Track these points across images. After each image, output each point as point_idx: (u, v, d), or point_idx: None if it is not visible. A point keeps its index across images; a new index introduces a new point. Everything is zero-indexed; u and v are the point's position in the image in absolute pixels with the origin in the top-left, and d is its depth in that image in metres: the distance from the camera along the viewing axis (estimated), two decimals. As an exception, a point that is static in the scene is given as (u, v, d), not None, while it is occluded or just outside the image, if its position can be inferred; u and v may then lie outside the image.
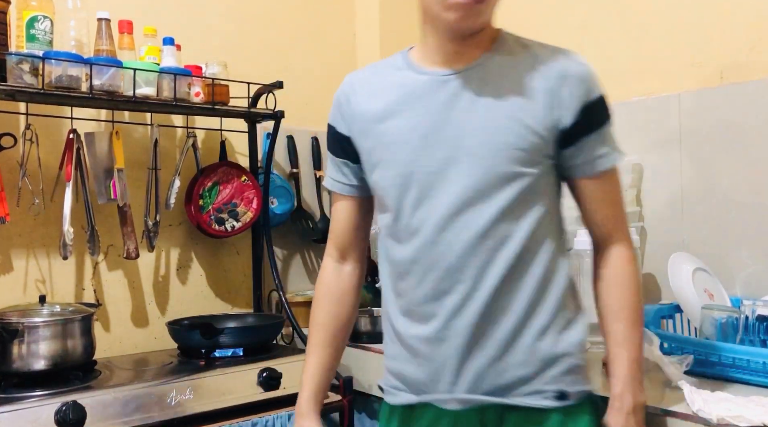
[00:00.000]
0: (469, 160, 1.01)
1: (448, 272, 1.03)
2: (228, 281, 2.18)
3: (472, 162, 1.01)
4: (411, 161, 1.05)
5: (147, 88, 1.75)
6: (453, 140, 1.03)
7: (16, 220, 1.76)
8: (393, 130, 1.07)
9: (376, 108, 1.10)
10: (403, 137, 1.06)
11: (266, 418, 1.62)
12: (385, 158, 1.08)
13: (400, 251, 1.09)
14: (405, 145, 1.06)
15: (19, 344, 1.49)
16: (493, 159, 1.01)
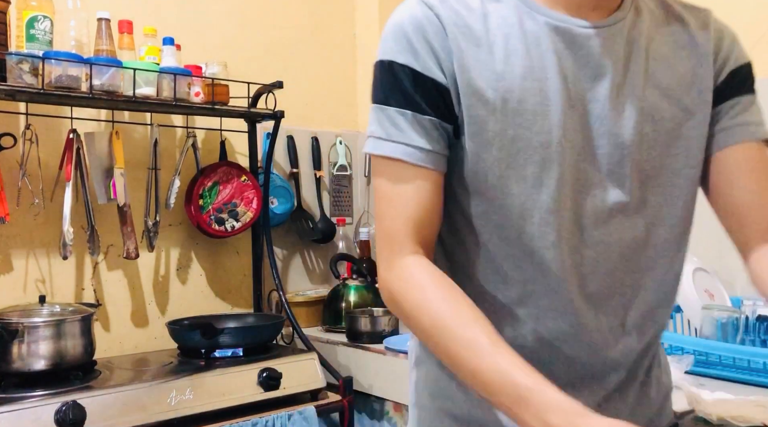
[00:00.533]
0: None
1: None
2: (228, 281, 2.18)
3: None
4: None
5: (147, 88, 1.75)
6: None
7: (16, 220, 1.76)
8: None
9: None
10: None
11: (266, 418, 1.62)
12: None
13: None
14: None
15: (19, 344, 1.49)
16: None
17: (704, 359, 1.33)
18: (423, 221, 0.82)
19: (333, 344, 1.96)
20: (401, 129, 0.80)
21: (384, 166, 0.82)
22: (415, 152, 0.80)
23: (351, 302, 2.09)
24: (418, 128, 0.80)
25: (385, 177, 0.82)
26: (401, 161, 0.80)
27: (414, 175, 0.81)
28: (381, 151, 0.82)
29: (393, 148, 0.81)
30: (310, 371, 1.76)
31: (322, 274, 2.40)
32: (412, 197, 0.81)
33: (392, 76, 0.81)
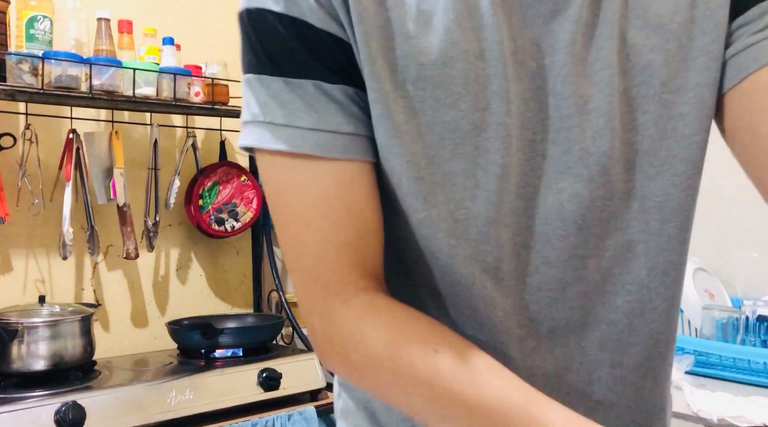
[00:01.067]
0: None
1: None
2: (228, 281, 2.18)
3: None
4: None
5: (147, 88, 1.75)
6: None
7: (16, 220, 1.76)
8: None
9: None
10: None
11: (266, 418, 1.62)
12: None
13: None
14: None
15: (19, 344, 1.49)
16: None
17: (704, 359, 1.33)
18: (363, 240, 0.55)
19: (333, 344, 1.96)
20: (300, 107, 0.53)
21: (282, 167, 0.54)
22: (333, 139, 0.53)
23: (351, 302, 2.09)
24: (326, 103, 0.54)
25: (287, 184, 0.55)
26: (311, 157, 0.53)
27: (337, 174, 0.54)
28: (274, 145, 0.53)
29: (296, 137, 0.53)
30: (310, 371, 1.76)
31: (322, 274, 2.40)
32: (342, 209, 0.54)
33: (270, 32, 0.56)
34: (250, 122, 0.56)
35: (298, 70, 0.54)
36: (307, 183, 0.54)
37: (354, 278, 0.55)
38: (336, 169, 0.54)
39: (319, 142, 0.53)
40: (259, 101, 0.55)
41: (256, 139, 0.55)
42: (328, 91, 0.54)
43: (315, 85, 0.54)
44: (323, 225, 0.54)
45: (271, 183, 0.56)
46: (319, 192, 0.54)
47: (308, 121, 0.53)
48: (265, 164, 0.56)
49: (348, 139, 0.54)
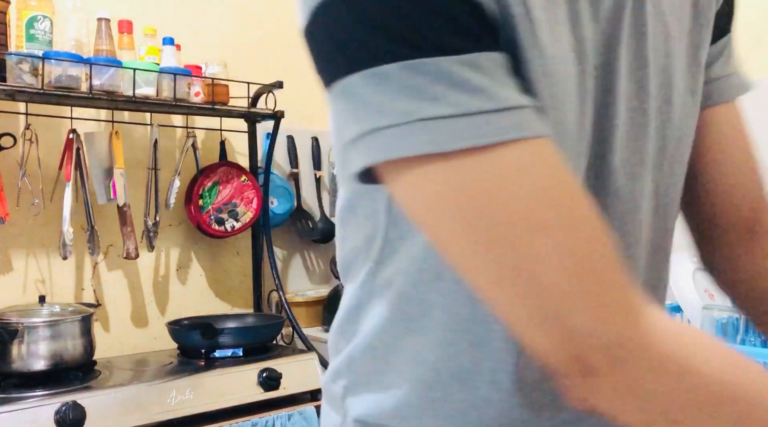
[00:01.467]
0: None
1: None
2: (228, 281, 2.18)
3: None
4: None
5: (147, 88, 1.75)
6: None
7: (16, 220, 1.76)
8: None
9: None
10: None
11: (266, 418, 1.62)
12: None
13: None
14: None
15: (19, 344, 1.49)
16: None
17: (704, 359, 1.33)
18: (608, 238, 0.45)
19: (333, 344, 1.96)
20: (480, 88, 0.42)
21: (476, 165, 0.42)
22: (529, 115, 0.44)
23: (351, 302, 2.09)
24: (505, 78, 0.44)
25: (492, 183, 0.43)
26: (518, 142, 0.43)
27: (546, 154, 0.44)
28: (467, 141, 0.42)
29: (491, 122, 0.42)
30: (310, 371, 1.76)
31: (322, 274, 2.40)
32: (573, 193, 0.44)
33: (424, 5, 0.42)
34: (398, 125, 0.42)
35: (465, 42, 0.43)
36: (514, 177, 0.42)
37: (627, 282, 0.44)
38: (542, 150, 0.44)
39: (518, 122, 0.43)
40: (411, 95, 0.42)
41: (425, 142, 0.42)
42: (496, 61, 0.44)
43: (488, 57, 0.43)
44: (560, 222, 0.43)
45: (448, 200, 0.43)
46: (540, 182, 0.43)
47: (489, 102, 0.42)
48: (427, 179, 0.43)
49: (530, 112, 0.44)
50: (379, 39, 0.42)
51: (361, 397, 0.60)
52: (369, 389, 0.59)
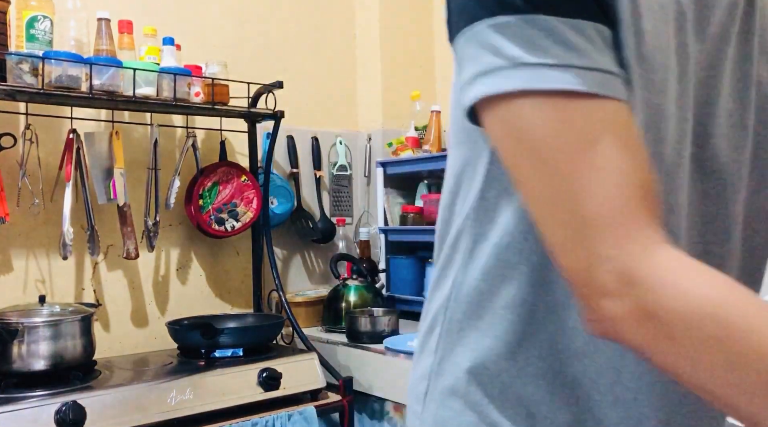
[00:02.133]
0: None
1: None
2: (228, 281, 2.18)
3: None
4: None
5: (147, 88, 1.75)
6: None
7: (16, 220, 1.76)
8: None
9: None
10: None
11: (266, 418, 1.62)
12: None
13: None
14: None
15: (19, 344, 1.49)
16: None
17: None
18: (650, 188, 0.52)
19: (333, 344, 1.96)
20: (580, 48, 0.52)
21: (555, 109, 0.51)
22: (614, 81, 0.53)
23: (351, 302, 2.09)
24: (602, 45, 0.53)
25: (562, 127, 0.51)
26: (597, 96, 0.51)
27: (618, 115, 0.52)
28: (556, 84, 0.51)
29: (581, 76, 0.51)
30: (310, 371, 1.76)
31: (322, 274, 2.40)
32: (634, 148, 0.52)
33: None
34: (506, 67, 0.52)
35: (578, 10, 0.52)
36: (591, 123, 0.51)
37: (654, 225, 0.50)
38: (617, 110, 0.52)
39: (601, 81, 0.51)
40: (521, 44, 0.52)
41: (524, 80, 0.51)
42: (601, 32, 0.53)
43: (593, 26, 0.52)
44: (616, 166, 0.50)
45: (535, 130, 0.52)
46: (605, 131, 0.51)
47: (584, 60, 0.51)
48: (527, 110, 0.52)
49: (620, 81, 0.53)
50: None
51: (459, 343, 0.66)
52: (466, 334, 0.66)
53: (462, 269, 0.66)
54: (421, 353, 0.72)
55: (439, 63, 2.63)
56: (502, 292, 0.63)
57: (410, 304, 2.19)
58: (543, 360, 0.63)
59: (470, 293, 0.65)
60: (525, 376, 0.63)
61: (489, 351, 0.64)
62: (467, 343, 0.66)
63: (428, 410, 0.68)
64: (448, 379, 0.66)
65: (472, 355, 0.65)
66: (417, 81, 2.55)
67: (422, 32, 2.60)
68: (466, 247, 0.66)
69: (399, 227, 2.27)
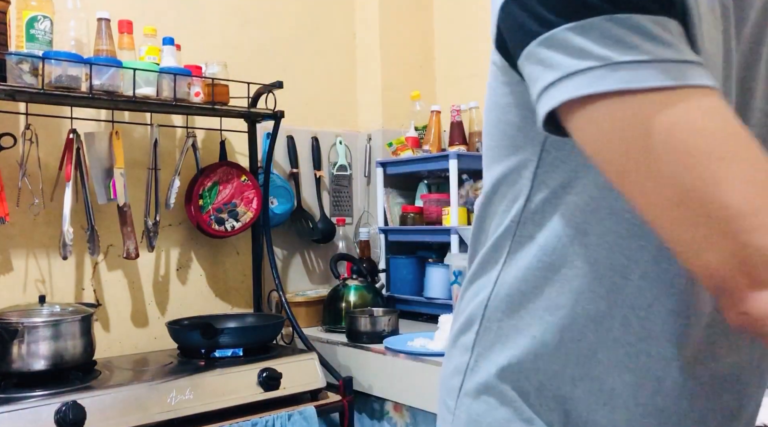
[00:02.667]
0: None
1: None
2: (228, 281, 2.18)
3: None
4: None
5: (147, 88, 1.75)
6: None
7: (16, 220, 1.76)
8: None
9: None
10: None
11: (266, 418, 1.62)
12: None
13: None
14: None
15: (19, 344, 1.49)
16: None
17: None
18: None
19: (333, 344, 1.96)
20: (670, 43, 0.51)
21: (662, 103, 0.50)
22: (705, 71, 0.52)
23: (351, 302, 2.09)
24: (685, 41, 0.53)
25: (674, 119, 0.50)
26: (697, 89, 0.50)
27: (722, 104, 0.51)
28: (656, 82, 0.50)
29: (678, 70, 0.50)
30: (310, 371, 1.76)
31: (322, 274, 2.40)
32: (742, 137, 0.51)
33: None
34: (598, 67, 0.51)
35: (662, 8, 0.51)
36: (699, 116, 0.50)
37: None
38: (719, 99, 0.51)
39: (700, 73, 0.51)
40: (610, 43, 0.51)
41: (619, 80, 0.50)
42: (682, 30, 0.53)
43: (675, 24, 0.52)
44: (741, 151, 0.49)
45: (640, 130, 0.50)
46: (715, 121, 0.50)
47: (677, 54, 0.51)
48: (623, 112, 0.51)
49: (706, 70, 0.52)
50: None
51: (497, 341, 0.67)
52: (504, 333, 0.67)
53: (505, 269, 0.67)
54: (455, 348, 0.73)
55: (439, 63, 2.63)
56: (544, 294, 0.64)
57: (410, 304, 2.19)
58: (581, 366, 0.63)
59: (512, 293, 0.66)
60: (562, 377, 0.64)
61: (527, 351, 0.65)
62: (506, 341, 0.67)
63: (462, 405, 0.69)
64: (484, 375, 0.68)
65: (510, 353, 0.66)
66: (417, 81, 2.55)
67: (422, 32, 2.60)
68: (511, 248, 0.66)
69: (399, 227, 2.27)
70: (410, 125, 2.35)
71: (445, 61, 2.60)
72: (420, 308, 2.18)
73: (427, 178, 2.31)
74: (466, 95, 2.37)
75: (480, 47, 2.41)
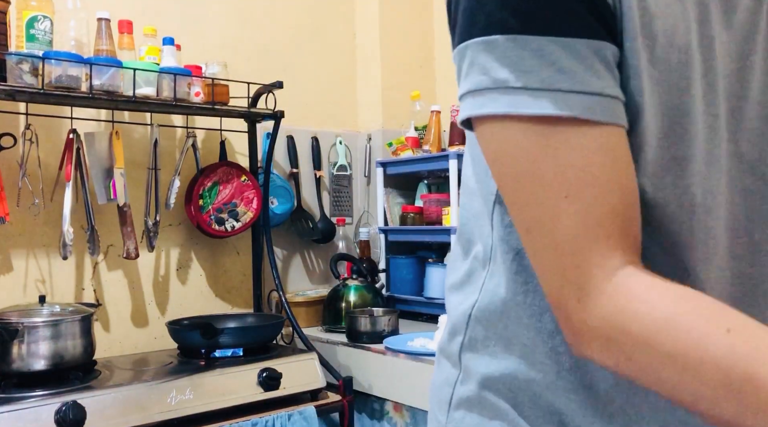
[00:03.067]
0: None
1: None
2: (228, 281, 2.18)
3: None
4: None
5: (147, 88, 1.75)
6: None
7: (16, 220, 1.76)
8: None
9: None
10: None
11: (266, 418, 1.62)
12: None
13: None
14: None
15: (19, 344, 1.49)
16: None
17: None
18: (628, 210, 0.52)
19: (333, 344, 1.96)
20: (569, 69, 0.50)
21: (537, 134, 0.51)
22: (599, 102, 0.51)
23: (351, 302, 2.09)
24: (597, 65, 0.51)
25: (542, 153, 0.51)
26: (575, 122, 0.50)
27: (602, 139, 0.51)
28: (535, 110, 0.50)
29: (559, 100, 0.50)
30: (310, 371, 1.76)
31: (322, 274, 2.40)
32: (607, 176, 0.51)
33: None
34: (492, 89, 0.52)
35: (572, 28, 0.51)
36: (567, 150, 0.51)
37: (618, 250, 0.51)
38: (601, 134, 0.51)
39: (587, 105, 0.51)
40: (508, 65, 0.51)
41: (505, 105, 0.51)
42: (598, 51, 0.52)
43: (587, 44, 0.51)
44: (586, 195, 0.51)
45: (515, 154, 0.52)
46: (582, 159, 0.51)
47: (570, 83, 0.50)
48: (509, 134, 0.53)
49: (612, 102, 0.52)
50: (498, 12, 0.51)
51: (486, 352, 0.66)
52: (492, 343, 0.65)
53: (491, 278, 0.65)
54: (443, 357, 0.71)
55: (439, 63, 2.63)
56: (527, 300, 0.63)
57: (410, 304, 2.19)
58: (573, 373, 0.61)
59: (499, 303, 0.64)
60: (555, 388, 0.62)
61: (518, 362, 0.63)
62: (495, 352, 0.65)
63: (453, 419, 0.68)
64: (474, 387, 0.66)
65: (501, 364, 0.64)
66: (417, 81, 2.55)
67: (422, 32, 2.61)
68: (498, 258, 0.65)
69: (399, 226, 2.27)
70: (410, 125, 2.35)
71: (445, 61, 2.60)
72: (420, 308, 2.18)
73: (427, 178, 2.31)
74: (466, 95, 2.37)
75: (480, 47, 2.41)
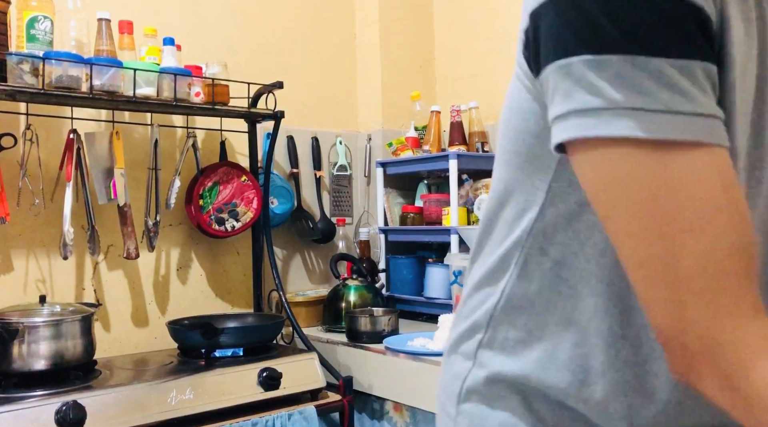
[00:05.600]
0: None
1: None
2: (228, 281, 2.18)
3: None
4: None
5: (147, 88, 1.75)
6: None
7: (17, 220, 1.76)
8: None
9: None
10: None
11: (266, 418, 1.62)
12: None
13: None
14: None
15: (19, 344, 1.49)
16: None
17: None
18: (750, 244, 0.50)
19: (333, 343, 1.96)
20: (688, 92, 0.49)
21: (652, 161, 0.49)
22: (714, 125, 0.49)
23: (351, 301, 2.09)
24: (708, 87, 0.50)
25: (658, 182, 0.49)
26: (693, 146, 0.48)
27: (720, 164, 0.49)
28: (658, 133, 0.48)
29: (678, 123, 0.48)
30: (310, 371, 1.76)
31: (322, 274, 2.40)
32: (728, 207, 0.49)
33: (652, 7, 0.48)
34: (605, 110, 0.49)
35: (690, 51, 0.49)
36: (689, 179, 0.48)
37: (748, 293, 0.49)
38: (716, 158, 0.49)
39: (708, 128, 0.49)
40: (623, 86, 0.49)
41: (623, 127, 0.48)
42: (710, 73, 0.50)
43: (702, 67, 0.50)
44: (709, 228, 0.48)
45: (630, 182, 0.49)
46: (703, 190, 0.48)
47: (692, 105, 0.49)
48: (623, 159, 0.50)
49: (721, 124, 0.50)
50: (613, 31, 0.49)
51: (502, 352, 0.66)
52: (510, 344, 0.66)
53: (515, 280, 0.66)
54: (456, 354, 0.72)
55: (439, 63, 2.63)
56: (557, 309, 0.63)
57: (410, 304, 2.20)
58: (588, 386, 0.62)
59: (522, 305, 0.65)
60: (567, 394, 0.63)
61: (534, 364, 0.64)
62: (512, 352, 0.66)
63: (463, 411, 0.69)
64: (487, 382, 0.67)
65: (516, 364, 0.65)
66: (417, 81, 2.55)
67: (422, 32, 2.61)
68: (519, 259, 0.65)
69: (399, 226, 2.27)
70: (410, 125, 2.35)
71: (445, 61, 2.60)
72: (420, 308, 2.18)
73: (427, 178, 2.31)
74: (466, 95, 2.38)
75: (480, 47, 2.41)
